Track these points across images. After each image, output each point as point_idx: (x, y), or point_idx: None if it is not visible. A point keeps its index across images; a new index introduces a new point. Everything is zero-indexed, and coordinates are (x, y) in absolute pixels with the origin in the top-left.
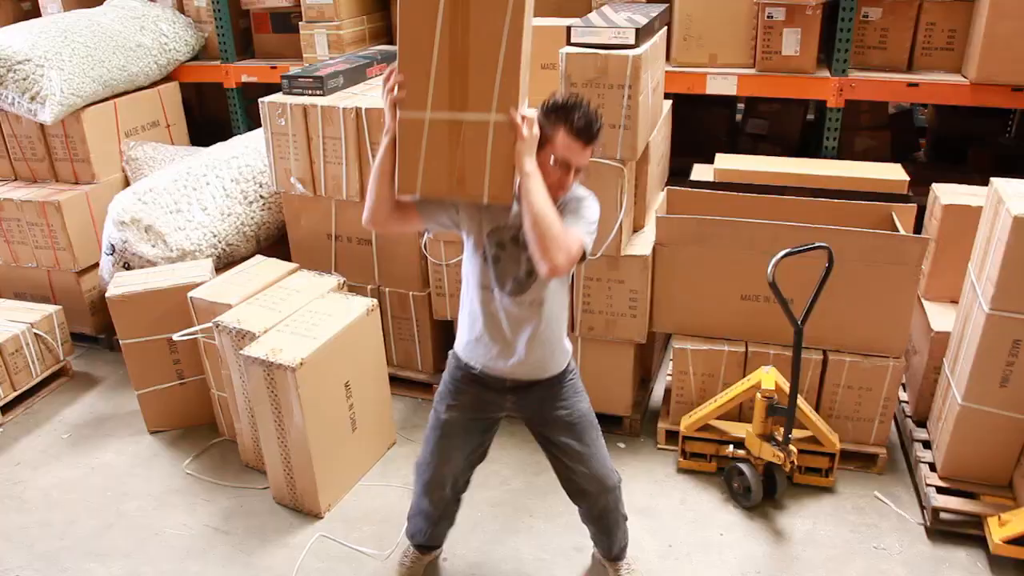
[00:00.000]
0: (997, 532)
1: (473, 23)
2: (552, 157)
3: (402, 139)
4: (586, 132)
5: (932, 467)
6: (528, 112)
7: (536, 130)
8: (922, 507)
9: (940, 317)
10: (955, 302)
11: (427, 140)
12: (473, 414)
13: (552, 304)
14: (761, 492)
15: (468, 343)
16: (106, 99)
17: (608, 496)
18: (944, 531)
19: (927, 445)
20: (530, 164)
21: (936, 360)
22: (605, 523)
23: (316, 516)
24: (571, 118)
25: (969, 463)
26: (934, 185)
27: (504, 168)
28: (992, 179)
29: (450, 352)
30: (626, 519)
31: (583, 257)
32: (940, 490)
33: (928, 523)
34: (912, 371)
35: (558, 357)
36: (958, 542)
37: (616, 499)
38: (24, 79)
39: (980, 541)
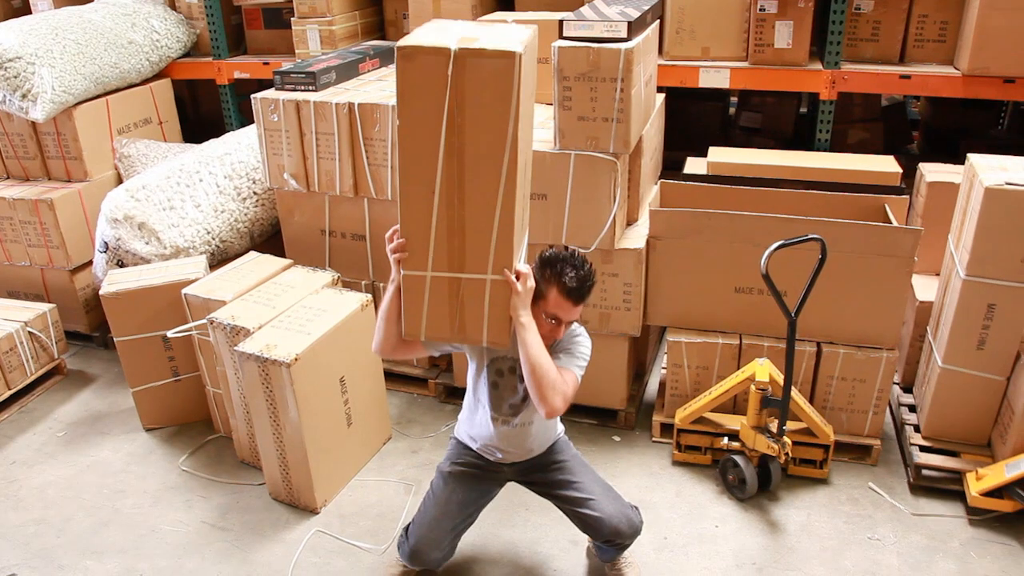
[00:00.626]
0: (975, 486)
1: (469, 192)
2: (544, 313)
3: (406, 293)
4: (577, 292)
5: (917, 429)
6: (523, 267)
7: (531, 283)
8: (906, 466)
9: (925, 288)
10: (939, 274)
11: (429, 294)
12: (477, 471)
13: (541, 420)
14: (756, 484)
15: (466, 434)
16: (98, 96)
17: (635, 537)
18: (926, 487)
19: (912, 409)
20: (525, 316)
21: (921, 328)
22: (620, 545)
23: (312, 511)
24: (564, 278)
25: (950, 423)
26: (921, 164)
27: (501, 319)
28: (969, 155)
29: (452, 435)
30: None
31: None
32: (923, 449)
33: (911, 480)
34: (900, 340)
35: (550, 437)
36: (952, 536)
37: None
38: (15, 77)
39: (972, 533)
